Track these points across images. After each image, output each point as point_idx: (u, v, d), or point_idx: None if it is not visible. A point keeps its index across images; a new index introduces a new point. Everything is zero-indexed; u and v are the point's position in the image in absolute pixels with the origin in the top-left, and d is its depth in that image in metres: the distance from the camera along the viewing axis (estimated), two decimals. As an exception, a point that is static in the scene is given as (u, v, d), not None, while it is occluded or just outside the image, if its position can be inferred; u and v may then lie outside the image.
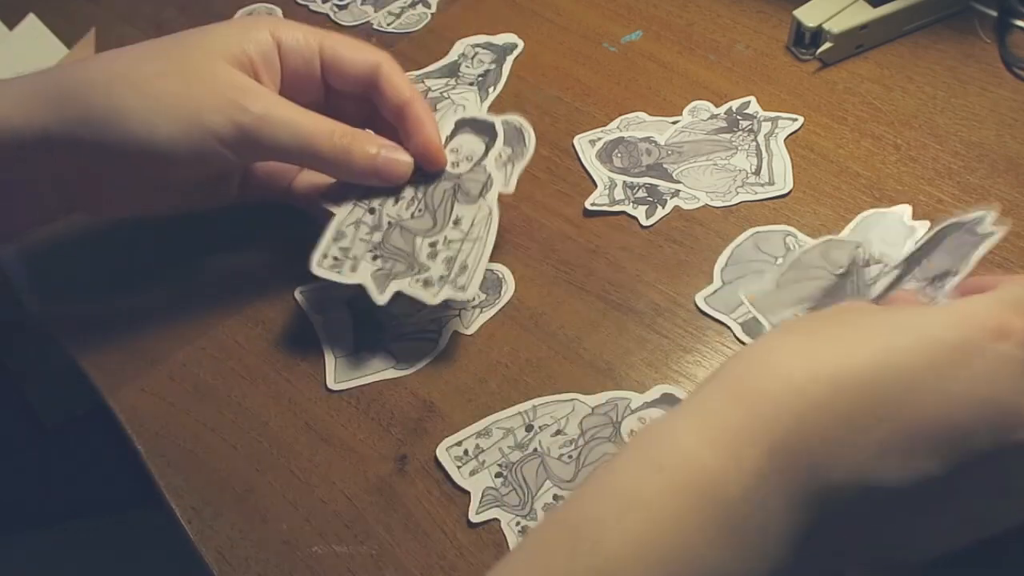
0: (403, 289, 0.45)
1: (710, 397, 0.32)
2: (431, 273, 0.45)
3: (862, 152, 0.54)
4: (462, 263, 0.45)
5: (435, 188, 0.48)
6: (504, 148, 0.49)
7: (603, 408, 0.45)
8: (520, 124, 0.50)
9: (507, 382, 0.46)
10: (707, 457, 0.30)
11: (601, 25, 0.64)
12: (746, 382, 0.31)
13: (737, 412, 0.30)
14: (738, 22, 0.63)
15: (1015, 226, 0.49)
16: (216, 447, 0.45)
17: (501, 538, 0.41)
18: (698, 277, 0.49)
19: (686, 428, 0.31)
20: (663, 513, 0.29)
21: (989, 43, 0.59)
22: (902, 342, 0.31)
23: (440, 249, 0.46)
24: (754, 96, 0.57)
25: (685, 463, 0.30)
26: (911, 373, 0.30)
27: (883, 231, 0.49)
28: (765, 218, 0.51)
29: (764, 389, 0.30)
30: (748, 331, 0.47)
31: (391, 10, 0.68)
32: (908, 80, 0.58)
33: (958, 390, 0.30)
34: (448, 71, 0.63)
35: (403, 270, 0.45)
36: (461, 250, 0.46)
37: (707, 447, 0.30)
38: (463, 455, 0.44)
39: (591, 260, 0.51)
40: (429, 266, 0.45)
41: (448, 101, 0.60)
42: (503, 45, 0.64)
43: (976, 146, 0.53)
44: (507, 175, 0.49)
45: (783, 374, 0.31)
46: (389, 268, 0.45)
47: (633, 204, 0.53)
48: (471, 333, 0.49)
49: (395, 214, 0.47)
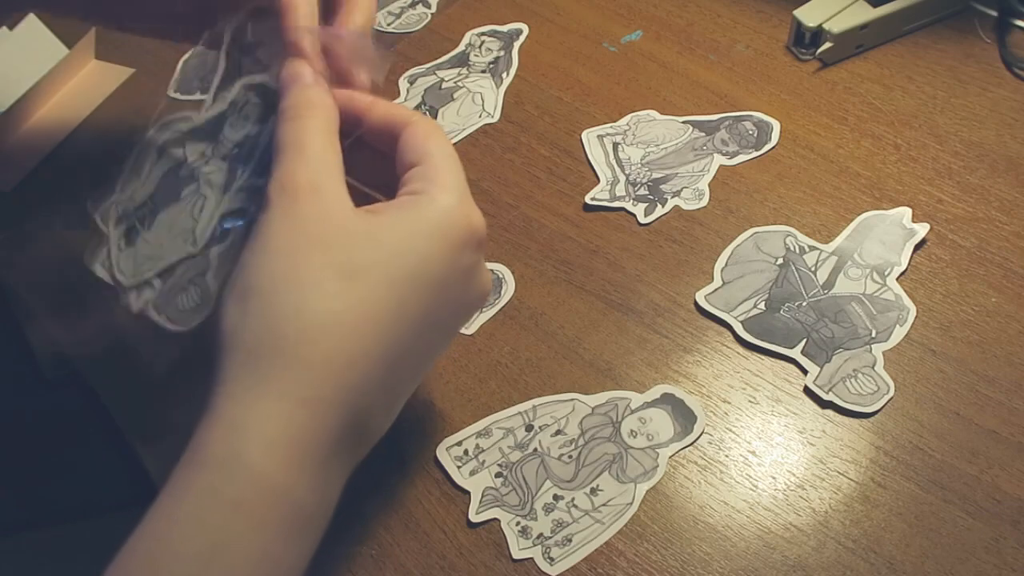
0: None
1: (259, 408, 0.31)
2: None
3: (862, 152, 0.54)
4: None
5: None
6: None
7: (603, 408, 0.45)
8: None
9: (507, 382, 0.46)
10: (279, 479, 0.30)
11: (601, 25, 0.64)
12: (289, 379, 0.31)
13: (294, 416, 0.31)
14: (738, 22, 0.63)
15: (1015, 226, 0.49)
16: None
17: (501, 538, 0.41)
18: (698, 277, 0.49)
19: (255, 456, 0.30)
20: (251, 550, 0.29)
21: (989, 43, 0.59)
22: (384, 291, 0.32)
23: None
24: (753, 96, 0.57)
25: (262, 494, 0.30)
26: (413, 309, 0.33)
27: (882, 233, 0.49)
28: (765, 218, 0.51)
29: (305, 380, 0.31)
30: (750, 329, 0.47)
31: (391, 10, 0.68)
32: (908, 80, 0.58)
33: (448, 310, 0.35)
34: (458, 61, 0.63)
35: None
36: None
37: (276, 469, 0.30)
38: (463, 455, 0.44)
39: (591, 260, 0.51)
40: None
41: (464, 90, 0.61)
42: (509, 32, 0.64)
43: (976, 146, 0.53)
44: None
45: (320, 356, 0.31)
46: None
47: (633, 201, 0.53)
48: (471, 333, 0.49)
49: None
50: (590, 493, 0.42)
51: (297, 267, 0.32)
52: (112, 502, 0.78)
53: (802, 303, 0.47)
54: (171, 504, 0.30)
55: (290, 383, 0.30)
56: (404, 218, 0.33)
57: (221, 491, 0.30)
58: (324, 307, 0.31)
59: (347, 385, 0.31)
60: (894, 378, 0.44)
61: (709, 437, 0.44)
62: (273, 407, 0.30)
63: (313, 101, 0.36)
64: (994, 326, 0.46)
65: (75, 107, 0.65)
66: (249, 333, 0.31)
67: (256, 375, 0.31)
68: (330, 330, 0.31)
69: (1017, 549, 0.39)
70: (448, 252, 0.33)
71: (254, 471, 0.30)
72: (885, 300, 0.47)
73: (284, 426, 0.30)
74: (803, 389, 0.45)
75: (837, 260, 0.49)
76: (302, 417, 0.30)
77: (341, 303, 0.31)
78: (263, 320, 0.31)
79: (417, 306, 0.33)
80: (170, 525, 0.30)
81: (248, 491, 0.29)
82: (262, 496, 0.30)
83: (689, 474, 0.43)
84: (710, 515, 0.41)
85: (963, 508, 0.40)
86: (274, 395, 0.30)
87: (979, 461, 0.41)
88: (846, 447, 0.43)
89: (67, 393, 0.62)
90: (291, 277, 0.31)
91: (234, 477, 0.30)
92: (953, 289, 0.47)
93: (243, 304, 0.32)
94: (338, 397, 0.31)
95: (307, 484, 0.31)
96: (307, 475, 0.31)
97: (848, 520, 0.40)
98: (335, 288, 0.31)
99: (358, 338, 0.31)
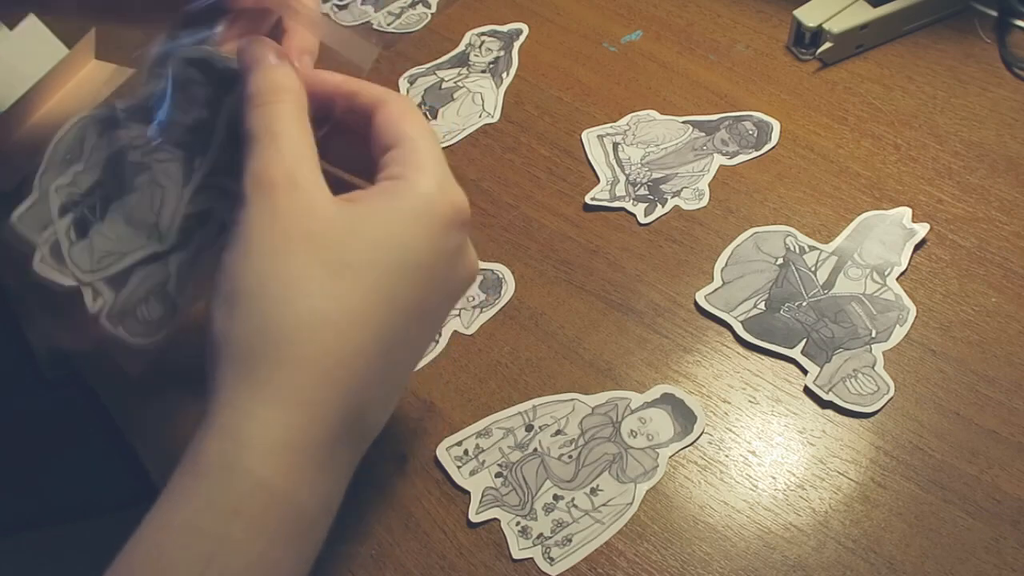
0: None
1: (255, 414, 0.30)
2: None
3: (862, 152, 0.54)
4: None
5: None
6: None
7: (603, 408, 0.45)
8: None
9: (507, 382, 0.46)
10: (277, 483, 0.29)
11: (601, 25, 0.64)
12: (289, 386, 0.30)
13: (291, 419, 0.30)
14: (738, 22, 0.63)
15: (1015, 226, 0.49)
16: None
17: (501, 538, 0.41)
18: (698, 277, 0.49)
19: (253, 462, 0.30)
20: (250, 556, 0.29)
21: (989, 43, 0.59)
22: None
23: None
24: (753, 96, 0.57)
25: (261, 500, 0.29)
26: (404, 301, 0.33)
27: (882, 233, 0.49)
28: (765, 218, 0.51)
29: (302, 384, 0.30)
30: (750, 329, 0.47)
31: (391, 10, 0.68)
32: (908, 80, 0.58)
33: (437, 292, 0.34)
34: (458, 61, 0.63)
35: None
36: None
37: (274, 474, 0.29)
38: (463, 455, 0.44)
39: (591, 260, 0.51)
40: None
41: (464, 90, 0.61)
42: (509, 32, 0.64)
43: (976, 146, 0.53)
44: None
45: (316, 354, 0.31)
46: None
47: (633, 201, 0.53)
48: (471, 333, 0.49)
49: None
50: (590, 493, 0.42)
51: (282, 267, 0.31)
52: (112, 502, 0.78)
53: (802, 303, 0.47)
54: (168, 512, 0.29)
55: (284, 386, 0.30)
56: (386, 206, 0.32)
57: (219, 498, 0.29)
58: (313, 306, 0.30)
59: (343, 383, 0.31)
60: (894, 378, 0.44)
61: (709, 437, 0.44)
62: (269, 412, 0.30)
63: (281, 84, 0.34)
64: (994, 326, 0.46)
65: (75, 107, 0.65)
66: (239, 338, 0.31)
67: (249, 380, 0.30)
68: (321, 329, 0.30)
69: (1017, 549, 0.39)
70: (433, 237, 0.33)
71: (252, 477, 0.29)
72: (885, 300, 0.47)
73: (281, 430, 0.30)
74: (803, 389, 0.45)
75: (837, 260, 0.49)
76: (299, 419, 0.30)
77: (330, 301, 0.31)
78: (252, 324, 0.30)
79: (407, 295, 0.32)
80: (167, 533, 0.29)
81: (246, 498, 0.29)
82: (260, 502, 0.29)
83: (689, 474, 0.43)
84: (710, 515, 0.41)
85: (963, 508, 0.40)
86: (269, 399, 0.30)
87: (979, 461, 0.41)
88: (846, 447, 0.43)
89: (67, 393, 0.62)
90: (277, 278, 0.31)
91: (231, 484, 0.29)
92: (953, 289, 0.47)
93: (230, 309, 0.31)
94: (334, 396, 0.31)
95: (308, 487, 0.30)
96: (307, 478, 0.30)
97: (848, 520, 0.40)
98: (323, 286, 0.31)
99: (350, 335, 0.31)
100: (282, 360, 0.30)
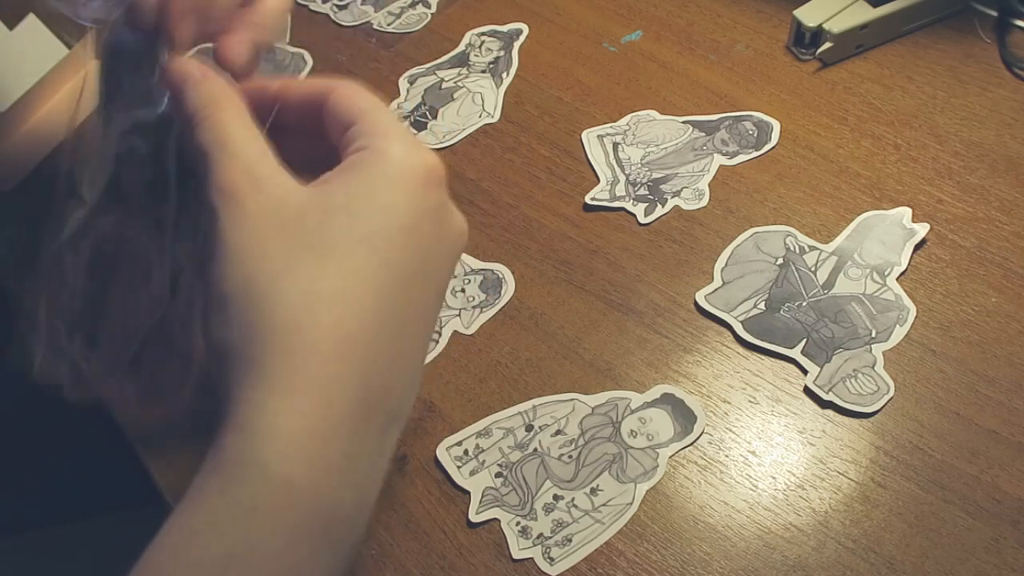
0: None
1: (266, 407, 0.30)
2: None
3: (862, 152, 0.54)
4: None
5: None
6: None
7: (603, 408, 0.45)
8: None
9: (507, 382, 0.46)
10: (297, 476, 0.29)
11: (601, 25, 0.64)
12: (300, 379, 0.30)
13: (304, 406, 0.29)
14: (738, 22, 0.63)
15: (1015, 226, 0.49)
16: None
17: (501, 538, 0.41)
18: (698, 277, 0.49)
19: (268, 454, 0.29)
20: (270, 555, 0.28)
21: (989, 43, 0.59)
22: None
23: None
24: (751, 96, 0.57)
25: (279, 494, 0.28)
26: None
27: (882, 233, 0.49)
28: (765, 218, 0.51)
29: (318, 374, 0.30)
30: (750, 329, 0.47)
31: (391, 10, 0.68)
32: (908, 80, 0.58)
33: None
34: (458, 60, 0.63)
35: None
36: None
37: (293, 466, 0.29)
38: (463, 455, 0.44)
39: (591, 260, 0.51)
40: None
41: (464, 90, 0.61)
42: (509, 32, 0.64)
43: (976, 146, 0.53)
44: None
45: (330, 347, 0.30)
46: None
47: (633, 201, 0.53)
48: (471, 333, 0.49)
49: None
50: (590, 493, 0.42)
51: (265, 263, 0.30)
52: (112, 502, 0.78)
53: (802, 303, 0.47)
54: (187, 514, 0.29)
55: (292, 372, 0.29)
56: (358, 179, 0.32)
57: (236, 496, 0.28)
58: (306, 290, 0.30)
59: (353, 357, 0.30)
60: (894, 378, 0.44)
61: (709, 437, 0.44)
62: (280, 401, 0.29)
63: (215, 95, 0.34)
64: (994, 326, 0.46)
65: (75, 107, 0.65)
66: (238, 338, 0.30)
67: (256, 374, 0.30)
68: (318, 311, 0.30)
69: (1017, 549, 0.39)
70: (412, 197, 0.32)
71: (268, 471, 0.28)
72: (885, 300, 0.47)
73: (296, 418, 0.29)
74: (803, 389, 0.45)
75: (837, 260, 0.49)
76: (312, 404, 0.29)
77: (322, 282, 0.30)
78: (246, 321, 0.30)
79: (399, 260, 0.32)
80: (186, 536, 0.29)
81: (264, 493, 0.28)
82: (280, 497, 0.28)
83: (689, 474, 0.43)
84: (710, 515, 0.41)
85: (963, 508, 0.40)
86: (278, 388, 0.29)
87: (979, 461, 0.41)
88: (846, 447, 0.43)
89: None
90: (262, 274, 0.30)
91: (248, 480, 0.28)
92: (953, 289, 0.47)
93: (222, 313, 0.31)
94: (346, 372, 0.30)
95: (333, 478, 0.29)
96: (331, 467, 0.29)
97: (848, 520, 0.40)
98: (311, 270, 0.30)
99: (350, 309, 0.30)
100: (285, 348, 0.30)
